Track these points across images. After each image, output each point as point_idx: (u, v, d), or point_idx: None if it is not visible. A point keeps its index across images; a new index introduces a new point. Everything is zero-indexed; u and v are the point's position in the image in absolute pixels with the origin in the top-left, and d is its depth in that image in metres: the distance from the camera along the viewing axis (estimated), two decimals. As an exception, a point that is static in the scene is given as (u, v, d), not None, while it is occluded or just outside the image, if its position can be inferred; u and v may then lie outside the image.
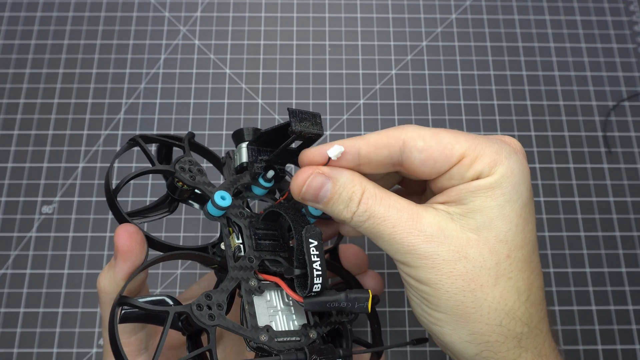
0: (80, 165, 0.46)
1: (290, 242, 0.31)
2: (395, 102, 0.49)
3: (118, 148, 0.47)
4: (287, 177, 0.33)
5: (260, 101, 0.49)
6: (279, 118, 0.48)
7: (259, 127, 0.38)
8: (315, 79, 0.50)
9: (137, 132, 0.47)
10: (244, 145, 0.31)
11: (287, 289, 0.27)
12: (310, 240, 0.26)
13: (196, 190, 0.30)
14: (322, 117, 0.48)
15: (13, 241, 0.44)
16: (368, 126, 0.48)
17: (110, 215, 0.45)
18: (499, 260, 0.25)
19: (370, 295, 0.27)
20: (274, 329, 0.27)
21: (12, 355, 0.41)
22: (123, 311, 0.26)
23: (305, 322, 0.29)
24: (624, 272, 0.44)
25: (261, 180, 0.31)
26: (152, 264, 0.27)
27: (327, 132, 0.48)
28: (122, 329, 0.28)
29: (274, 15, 0.52)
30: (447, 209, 0.26)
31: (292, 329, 0.28)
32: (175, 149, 0.33)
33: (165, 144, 0.32)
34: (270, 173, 0.30)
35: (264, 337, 0.26)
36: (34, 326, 0.42)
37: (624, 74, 0.50)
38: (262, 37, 0.51)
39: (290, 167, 0.38)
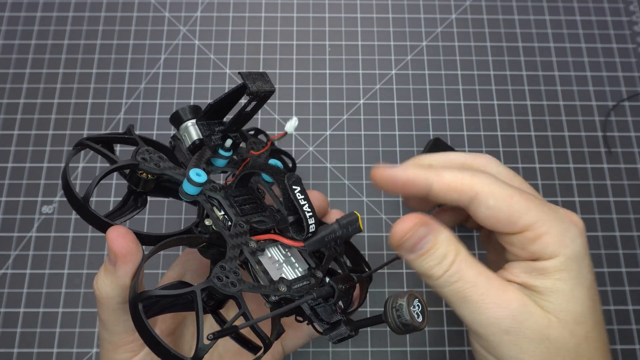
0: (80, 165, 0.46)
1: (264, 198, 0.33)
2: (395, 102, 0.49)
3: (118, 148, 0.47)
4: (242, 144, 0.34)
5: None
6: (279, 118, 0.48)
7: (259, 127, 0.39)
8: (315, 79, 0.50)
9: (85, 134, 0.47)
10: (189, 124, 0.31)
11: (285, 240, 0.29)
12: (294, 186, 0.27)
13: (161, 179, 0.30)
14: (321, 116, 0.48)
15: (13, 241, 0.44)
16: (368, 126, 0.48)
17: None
18: (579, 342, 0.26)
19: (359, 216, 0.29)
20: (288, 277, 0.29)
21: (12, 355, 0.41)
22: (144, 306, 0.26)
23: (307, 266, 0.30)
24: (623, 272, 0.44)
25: (221, 151, 0.31)
26: (149, 258, 0.27)
27: (327, 132, 0.48)
28: (117, 330, 0.28)
29: (274, 15, 0.52)
30: (523, 290, 0.27)
31: (300, 275, 0.29)
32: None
33: (112, 143, 0.31)
34: (229, 142, 0.31)
35: (283, 288, 0.27)
36: (34, 326, 0.42)
37: (623, 74, 0.50)
38: (262, 37, 0.51)
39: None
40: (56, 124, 0.48)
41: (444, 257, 0.26)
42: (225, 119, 0.32)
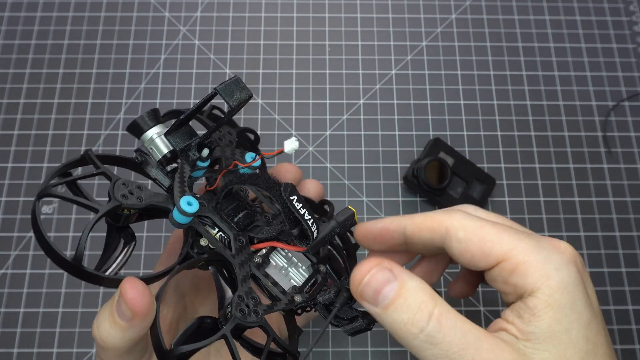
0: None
1: (256, 202, 0.32)
2: (395, 102, 0.49)
3: (118, 148, 0.47)
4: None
5: (260, 101, 0.49)
6: (279, 118, 0.48)
7: (258, 126, 0.38)
8: (315, 79, 0.50)
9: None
10: (154, 135, 0.29)
11: (287, 247, 0.28)
12: (291, 197, 0.26)
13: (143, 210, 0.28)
14: (321, 116, 0.48)
15: (13, 241, 0.44)
16: (368, 126, 0.48)
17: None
18: None
19: (354, 211, 0.28)
20: (298, 284, 0.28)
21: (12, 355, 0.41)
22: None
23: (309, 262, 0.30)
24: (623, 272, 0.44)
25: (199, 163, 0.30)
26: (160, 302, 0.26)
27: (327, 132, 0.48)
28: None
29: (274, 15, 0.52)
30: (518, 342, 0.23)
31: (307, 275, 0.29)
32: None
33: (76, 181, 0.28)
34: (205, 152, 0.30)
35: (298, 298, 0.27)
36: (34, 326, 0.42)
37: (623, 74, 0.51)
38: (262, 37, 0.51)
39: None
40: (56, 124, 0.48)
41: (417, 310, 0.23)
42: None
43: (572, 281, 0.23)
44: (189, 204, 0.27)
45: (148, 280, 0.26)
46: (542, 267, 0.23)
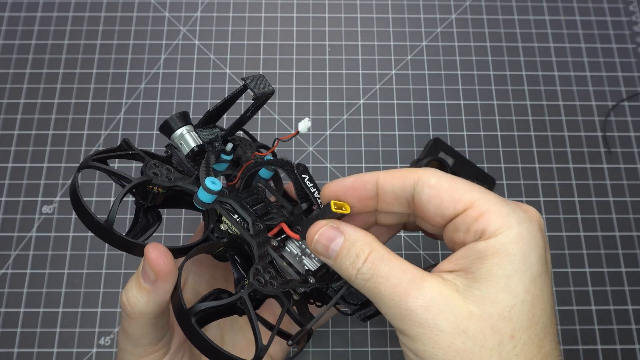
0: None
1: (271, 198, 0.34)
2: (395, 102, 0.49)
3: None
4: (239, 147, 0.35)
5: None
6: (279, 118, 0.48)
7: (258, 126, 0.38)
8: (315, 79, 0.50)
9: (94, 149, 0.47)
10: (184, 131, 0.31)
11: (289, 232, 0.29)
12: (303, 175, 0.28)
13: (171, 191, 0.30)
14: (321, 116, 0.48)
15: (13, 241, 0.44)
16: (368, 126, 0.48)
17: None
18: (502, 341, 0.23)
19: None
20: (312, 269, 0.29)
21: (12, 355, 0.41)
22: (195, 320, 0.26)
23: None
24: (623, 272, 0.44)
25: (223, 156, 0.32)
26: (181, 271, 0.28)
27: (327, 132, 0.48)
28: (143, 342, 0.29)
29: (274, 15, 0.52)
30: (454, 280, 0.24)
31: (318, 265, 0.30)
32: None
33: (112, 159, 0.31)
34: (230, 146, 0.31)
35: (312, 280, 0.28)
36: (34, 326, 0.42)
37: (623, 74, 0.51)
38: (262, 37, 0.51)
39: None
40: (56, 124, 0.48)
41: (356, 257, 0.25)
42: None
43: (530, 235, 0.24)
44: (213, 183, 0.28)
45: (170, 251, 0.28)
46: (505, 218, 0.24)
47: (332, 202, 0.26)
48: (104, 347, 0.42)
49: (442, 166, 0.44)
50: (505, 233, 0.24)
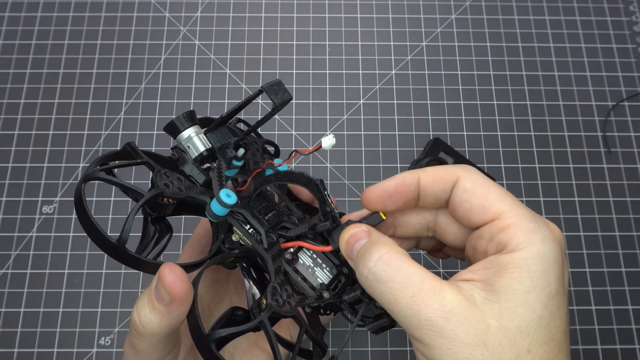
0: (81, 165, 0.46)
1: (281, 204, 0.33)
2: (395, 102, 0.49)
3: (119, 148, 0.47)
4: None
5: (260, 101, 0.49)
6: (279, 118, 0.48)
7: (259, 128, 0.38)
8: (315, 79, 0.50)
9: (100, 151, 0.47)
10: (192, 134, 0.30)
11: (314, 247, 0.29)
12: (325, 192, 0.28)
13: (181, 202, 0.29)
14: (321, 116, 0.48)
15: (13, 241, 0.44)
16: (368, 126, 0.48)
17: (111, 215, 0.45)
18: (519, 354, 0.23)
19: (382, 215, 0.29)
20: (325, 282, 0.29)
21: (12, 355, 0.41)
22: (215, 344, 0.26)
23: (332, 264, 0.30)
24: (623, 272, 0.44)
25: (234, 162, 0.31)
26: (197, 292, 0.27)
27: (327, 132, 0.48)
28: (151, 358, 0.28)
29: (274, 15, 0.52)
30: (472, 290, 0.24)
31: (331, 275, 0.29)
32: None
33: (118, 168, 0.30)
34: (241, 151, 0.30)
35: (326, 295, 0.28)
36: (34, 326, 0.42)
37: (623, 74, 0.51)
38: (262, 37, 0.51)
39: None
40: (56, 124, 0.48)
41: (370, 254, 0.25)
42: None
43: (552, 254, 0.24)
44: (228, 196, 0.27)
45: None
46: (530, 235, 0.24)
47: (380, 213, 0.27)
48: (104, 347, 0.42)
49: (442, 166, 0.44)
50: (528, 249, 0.24)
